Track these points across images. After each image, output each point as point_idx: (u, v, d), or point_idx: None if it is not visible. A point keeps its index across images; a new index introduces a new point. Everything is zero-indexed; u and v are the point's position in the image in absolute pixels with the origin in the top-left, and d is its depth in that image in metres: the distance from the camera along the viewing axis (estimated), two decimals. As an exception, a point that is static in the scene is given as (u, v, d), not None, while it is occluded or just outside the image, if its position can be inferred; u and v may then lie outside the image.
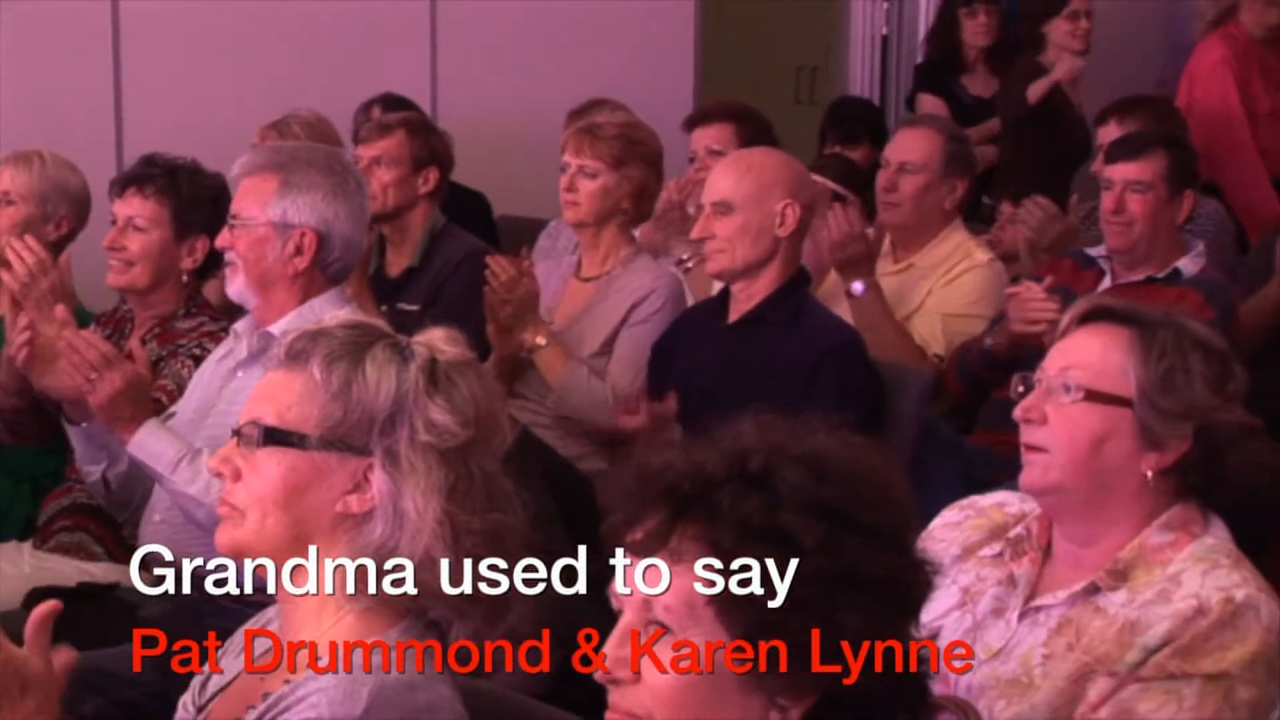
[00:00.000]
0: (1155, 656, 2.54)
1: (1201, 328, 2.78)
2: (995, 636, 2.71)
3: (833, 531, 1.81)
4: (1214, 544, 2.65)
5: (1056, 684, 2.61)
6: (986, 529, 2.85)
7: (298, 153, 3.98)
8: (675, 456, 1.88)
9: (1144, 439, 2.66)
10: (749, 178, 4.34)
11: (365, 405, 2.34)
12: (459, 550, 2.32)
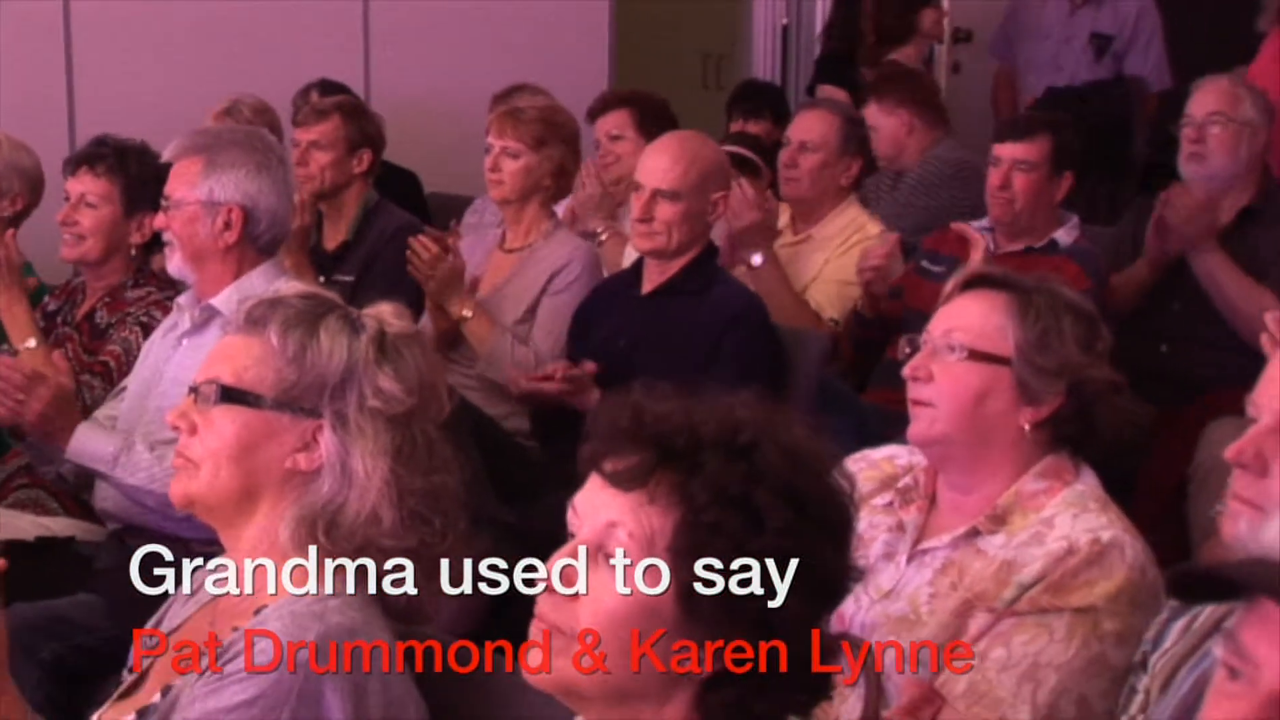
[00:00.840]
0: (1029, 593, 2.59)
1: (1072, 292, 2.83)
2: (886, 578, 2.75)
3: (796, 519, 1.80)
4: (1084, 490, 2.71)
5: (941, 620, 2.66)
6: (878, 480, 2.89)
7: (220, 134, 4.03)
8: (674, 408, 1.84)
9: (1021, 394, 2.70)
10: (693, 169, 4.34)
11: (318, 370, 2.36)
12: (403, 508, 2.34)
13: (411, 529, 2.36)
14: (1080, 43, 7.25)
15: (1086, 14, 7.27)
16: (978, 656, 2.60)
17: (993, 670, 2.58)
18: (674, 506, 1.80)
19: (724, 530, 1.78)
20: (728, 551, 1.78)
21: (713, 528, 1.78)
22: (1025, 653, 2.57)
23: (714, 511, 1.78)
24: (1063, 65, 7.25)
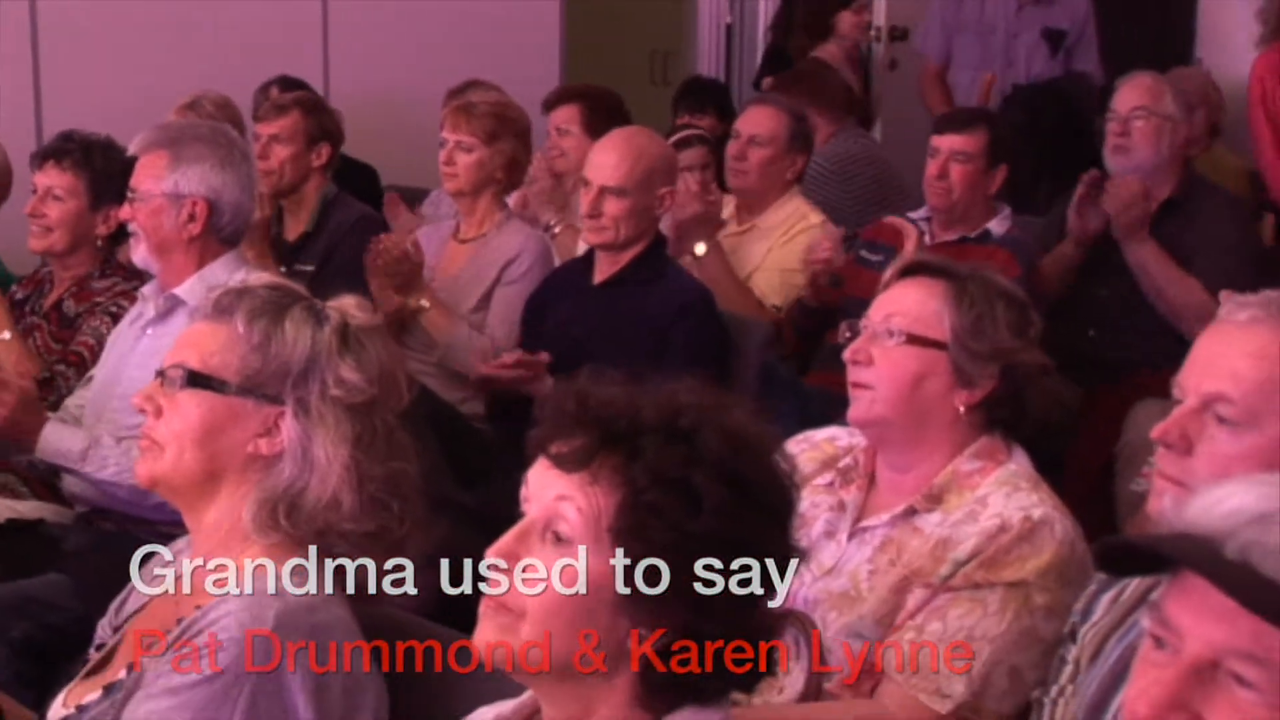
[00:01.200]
0: (964, 569, 2.60)
1: (1005, 280, 2.84)
2: (828, 556, 2.76)
3: (735, 501, 1.80)
4: (1016, 470, 2.72)
5: (881, 595, 2.67)
6: (819, 460, 2.89)
7: (185, 129, 4.01)
8: (618, 394, 1.84)
9: (957, 377, 2.71)
10: (639, 166, 4.32)
11: (282, 359, 2.36)
12: (362, 493, 2.34)
13: (371, 514, 2.35)
14: (1032, 38, 7.01)
15: (1036, 10, 7.04)
16: (915, 630, 2.61)
17: (930, 641, 2.58)
18: (617, 488, 1.80)
19: (664, 511, 1.78)
20: (668, 531, 1.78)
21: (653, 508, 1.78)
22: (961, 625, 2.58)
23: (654, 493, 1.78)
24: (1014, 60, 7.02)
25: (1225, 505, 1.41)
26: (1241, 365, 2.23)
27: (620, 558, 1.79)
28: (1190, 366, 2.30)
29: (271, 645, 2.22)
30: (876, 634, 2.65)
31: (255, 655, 2.22)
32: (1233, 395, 2.22)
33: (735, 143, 5.34)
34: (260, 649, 2.22)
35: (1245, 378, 2.22)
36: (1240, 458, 2.20)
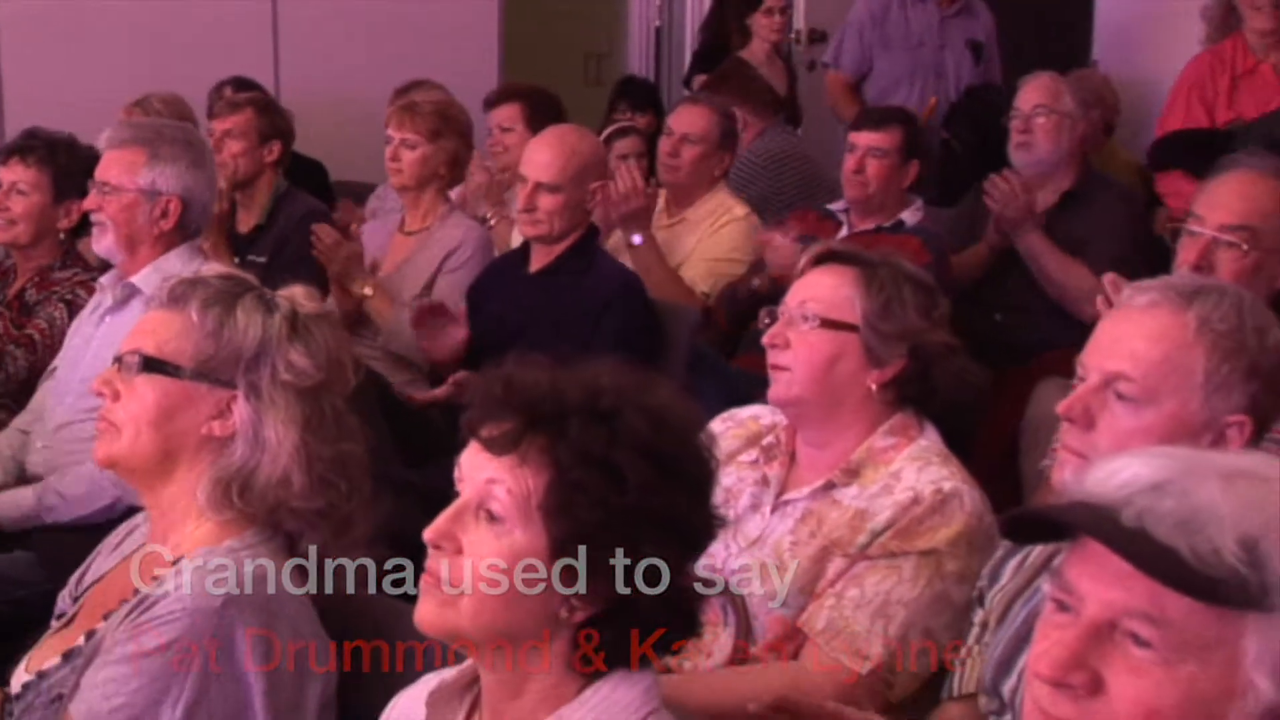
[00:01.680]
0: (880, 538, 2.61)
1: (912, 266, 2.86)
2: (753, 528, 2.76)
3: (656, 476, 1.80)
4: (927, 445, 2.73)
5: (803, 565, 2.67)
6: (744, 437, 2.89)
7: (162, 130, 3.97)
8: (542, 378, 1.85)
9: (868, 357, 2.72)
10: (572, 163, 4.33)
11: (234, 345, 2.35)
12: (312, 473, 2.34)
13: (320, 492, 2.35)
14: (958, 49, 6.91)
15: (959, 22, 6.94)
16: (835, 596, 2.61)
17: (849, 608, 2.59)
18: (544, 468, 1.80)
19: (589, 489, 1.78)
20: (595, 508, 1.79)
21: (579, 487, 1.78)
22: (877, 591, 2.59)
23: (579, 472, 1.79)
24: (944, 72, 6.88)
25: (1120, 476, 1.41)
26: (1140, 346, 2.25)
27: (550, 535, 1.80)
28: (1093, 347, 2.32)
29: (222, 616, 2.22)
30: (799, 602, 2.66)
31: (206, 626, 2.21)
32: (1132, 374, 2.24)
33: (668, 140, 5.34)
34: (211, 620, 2.21)
35: (1144, 358, 2.24)
36: (1138, 432, 2.22)
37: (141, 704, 2.19)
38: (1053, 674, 1.39)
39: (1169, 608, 1.35)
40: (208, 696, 2.20)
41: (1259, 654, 1.35)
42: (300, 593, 2.35)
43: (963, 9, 6.91)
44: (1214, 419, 2.24)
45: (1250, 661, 1.35)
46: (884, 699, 2.58)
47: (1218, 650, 1.36)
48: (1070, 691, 1.38)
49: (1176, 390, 2.23)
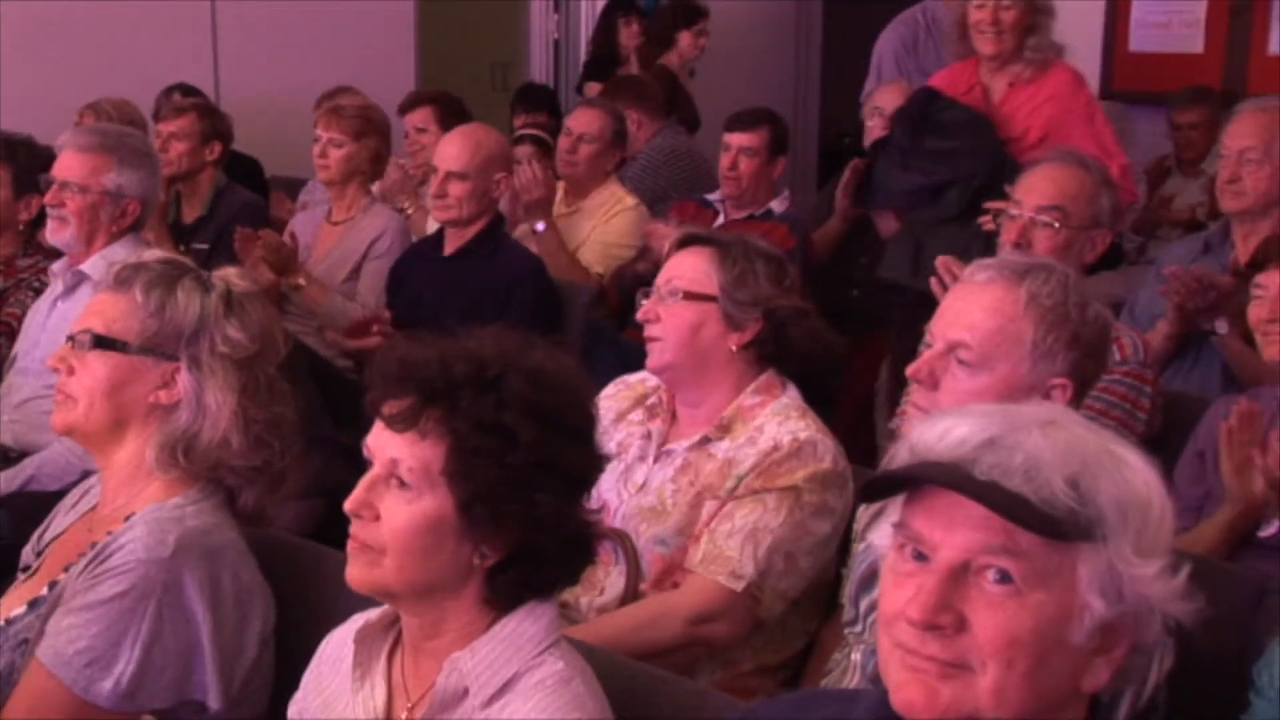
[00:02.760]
0: (745, 481, 2.65)
1: (763, 243, 2.89)
2: (639, 475, 2.79)
3: (543, 431, 1.82)
4: (788, 402, 2.76)
5: (682, 509, 2.71)
6: (632, 399, 2.93)
7: (124, 137, 3.94)
8: (431, 355, 1.85)
9: (728, 323, 2.75)
10: (479, 154, 4.33)
11: (175, 322, 2.34)
12: (248, 434, 2.34)
13: (256, 451, 2.35)
14: None
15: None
16: (709, 533, 2.64)
17: (722, 538, 2.62)
18: (442, 438, 1.81)
19: (485, 451, 1.80)
20: (492, 467, 1.80)
21: (476, 450, 1.80)
22: (746, 522, 2.62)
23: (475, 438, 1.80)
24: None
25: (954, 434, 1.43)
26: (978, 318, 2.30)
27: (455, 495, 1.81)
28: (938, 317, 2.37)
29: (172, 565, 2.21)
30: (678, 542, 2.69)
31: (159, 569, 2.21)
32: (970, 342, 2.29)
33: (567, 139, 5.36)
34: (162, 569, 2.21)
35: (980, 328, 2.29)
36: (975, 393, 2.26)
37: (102, 646, 2.18)
38: (923, 617, 1.38)
39: (1023, 542, 1.38)
40: (161, 637, 2.20)
41: (1090, 578, 1.39)
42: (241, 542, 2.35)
43: None
44: (1040, 382, 2.29)
45: (1084, 585, 1.39)
46: (754, 614, 2.63)
47: (1059, 578, 1.39)
48: (939, 632, 1.39)
49: (1008, 356, 2.28)
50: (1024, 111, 4.36)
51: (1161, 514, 1.43)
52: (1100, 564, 1.39)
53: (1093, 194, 3.30)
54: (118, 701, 2.18)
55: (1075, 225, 3.26)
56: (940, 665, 1.38)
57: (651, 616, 2.62)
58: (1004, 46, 4.33)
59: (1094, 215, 3.29)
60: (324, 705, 1.99)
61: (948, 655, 1.38)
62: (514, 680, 1.84)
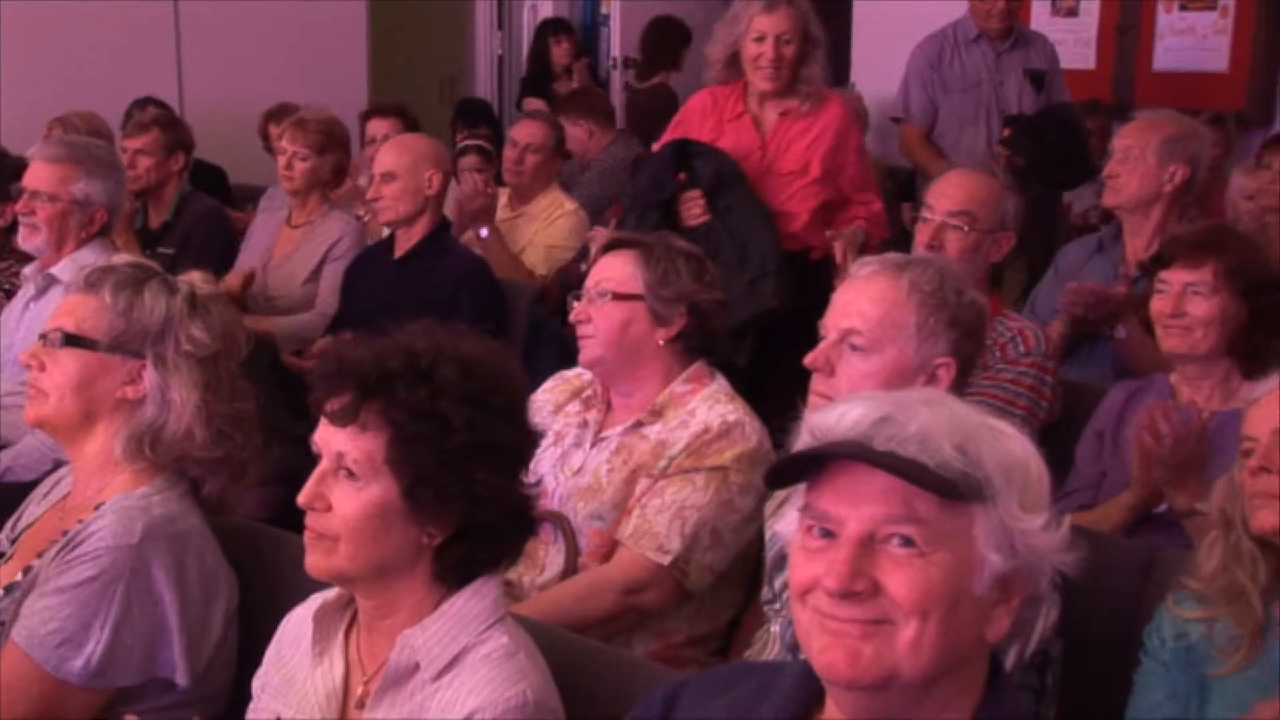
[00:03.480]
0: (675, 460, 2.65)
1: (683, 242, 2.89)
2: (576, 460, 2.78)
3: (476, 414, 1.82)
4: (717, 388, 2.76)
5: (616, 487, 2.71)
6: (569, 392, 2.92)
7: (91, 149, 3.90)
8: (366, 352, 1.85)
9: (654, 319, 2.74)
10: (406, 154, 4.31)
11: (142, 322, 2.32)
12: (211, 428, 2.31)
13: (219, 443, 2.33)
14: (1017, 81, 5.61)
15: (1015, 55, 5.63)
16: (640, 508, 2.64)
17: (652, 514, 2.62)
18: (383, 429, 1.81)
19: (424, 438, 1.80)
20: (431, 453, 1.80)
21: (415, 438, 1.80)
22: (675, 499, 2.62)
23: (413, 427, 1.80)
24: (1006, 105, 5.57)
25: (849, 417, 1.44)
26: (866, 307, 2.33)
27: (399, 481, 1.81)
28: (831, 310, 2.39)
29: (139, 551, 2.19)
30: (614, 516, 2.69)
31: (127, 555, 2.18)
32: (860, 329, 2.32)
33: (513, 149, 5.37)
34: (130, 554, 2.19)
35: (869, 315, 2.33)
36: (869, 374, 2.31)
37: (74, 627, 2.16)
38: (840, 586, 1.38)
39: (921, 509, 1.39)
40: (130, 617, 2.18)
41: (985, 535, 1.40)
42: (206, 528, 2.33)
43: (1017, 41, 5.68)
44: (926, 362, 2.33)
45: (980, 542, 1.40)
46: (681, 586, 2.63)
47: (957, 538, 1.40)
48: (855, 597, 1.39)
49: (895, 339, 2.32)
50: (801, 145, 4.15)
51: (1039, 473, 1.45)
52: (992, 522, 1.40)
53: (998, 199, 3.32)
54: (88, 679, 2.16)
55: (982, 228, 3.28)
56: (862, 626, 1.39)
57: (587, 590, 2.62)
58: (782, 82, 4.09)
59: (999, 219, 3.30)
60: (285, 679, 1.98)
61: (868, 615, 1.39)
62: (462, 655, 1.84)
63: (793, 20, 4.02)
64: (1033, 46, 5.72)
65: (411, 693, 1.84)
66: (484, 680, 1.81)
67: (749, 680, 1.58)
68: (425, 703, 1.83)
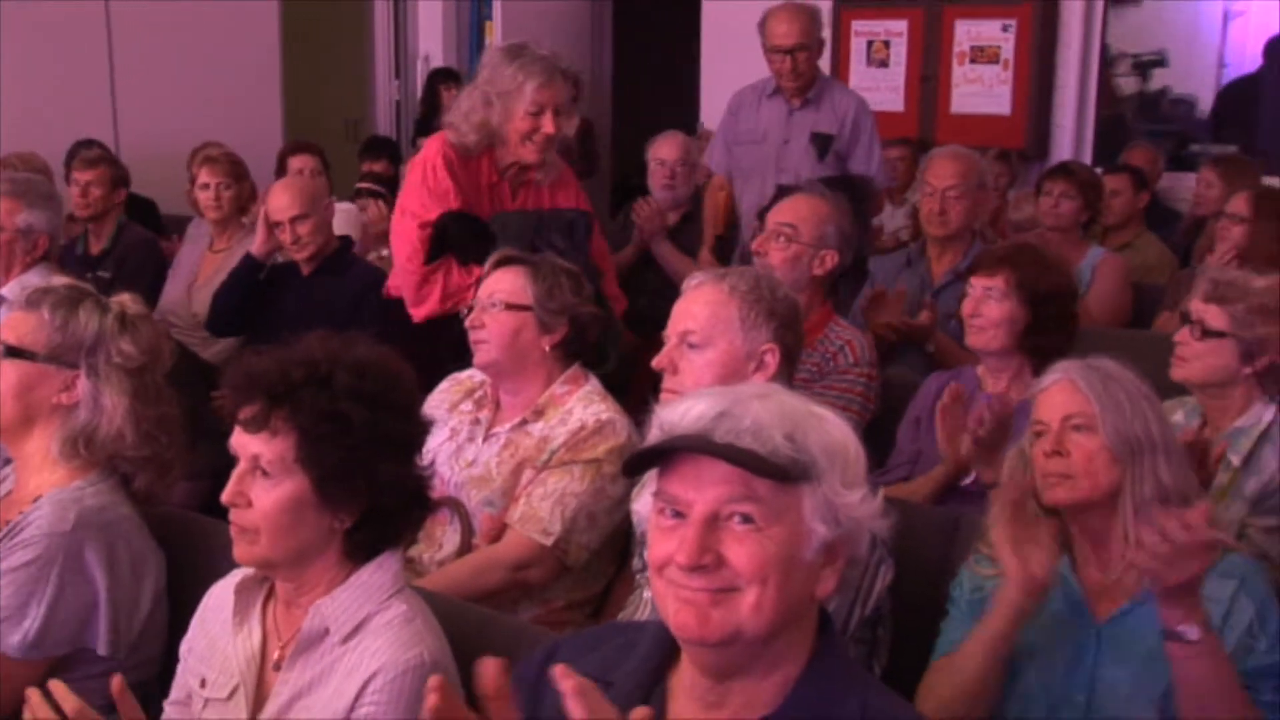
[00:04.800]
0: (556, 454, 2.63)
1: (564, 261, 2.86)
2: (470, 453, 2.74)
3: (372, 412, 1.79)
4: (591, 389, 2.74)
5: (504, 475, 2.68)
6: (462, 392, 2.87)
7: (33, 184, 3.81)
8: (270, 364, 1.82)
9: (540, 328, 2.71)
10: (305, 193, 4.17)
11: (77, 336, 2.26)
12: (139, 430, 2.27)
13: (146, 444, 2.28)
14: (801, 143, 4.71)
15: (806, 115, 4.70)
16: (526, 495, 2.62)
17: (536, 501, 2.60)
18: (290, 432, 1.79)
19: (328, 437, 1.78)
20: (334, 451, 1.78)
21: (320, 438, 1.78)
22: (556, 487, 2.59)
23: (317, 428, 1.78)
24: (785, 167, 4.69)
25: (692, 412, 1.43)
26: (697, 310, 2.38)
27: (309, 477, 1.79)
28: (670, 320, 2.44)
29: (73, 537, 2.15)
30: (503, 503, 2.66)
31: (61, 540, 2.14)
32: (695, 328, 2.37)
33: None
34: (64, 540, 2.15)
35: (699, 316, 2.38)
36: (706, 366, 2.35)
37: (13, 605, 2.11)
38: (690, 560, 1.38)
39: (758, 490, 1.39)
40: (64, 596, 2.13)
41: (813, 509, 1.41)
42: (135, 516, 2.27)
43: (810, 101, 4.70)
44: (754, 350, 2.37)
45: (808, 516, 1.41)
46: (562, 562, 2.61)
47: (789, 514, 1.40)
48: (703, 570, 1.38)
49: (725, 333, 2.36)
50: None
51: (857, 454, 1.45)
52: (818, 498, 1.41)
53: (823, 220, 3.31)
54: (25, 651, 2.11)
55: (803, 241, 3.27)
56: (710, 593, 1.39)
57: (480, 567, 2.58)
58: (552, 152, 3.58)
59: (821, 236, 3.28)
60: (209, 644, 1.94)
61: (715, 584, 1.39)
62: (366, 621, 1.82)
63: (567, 92, 3.47)
64: (827, 108, 4.71)
65: (322, 655, 1.82)
66: (386, 644, 1.79)
67: (616, 638, 1.58)
68: (334, 664, 1.80)
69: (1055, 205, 4.78)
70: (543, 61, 3.31)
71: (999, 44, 6.79)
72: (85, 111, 6.57)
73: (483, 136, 3.36)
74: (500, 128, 3.36)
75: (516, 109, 3.34)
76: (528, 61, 3.30)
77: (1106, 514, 2.06)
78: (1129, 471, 2.03)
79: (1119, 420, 2.05)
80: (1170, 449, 2.07)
